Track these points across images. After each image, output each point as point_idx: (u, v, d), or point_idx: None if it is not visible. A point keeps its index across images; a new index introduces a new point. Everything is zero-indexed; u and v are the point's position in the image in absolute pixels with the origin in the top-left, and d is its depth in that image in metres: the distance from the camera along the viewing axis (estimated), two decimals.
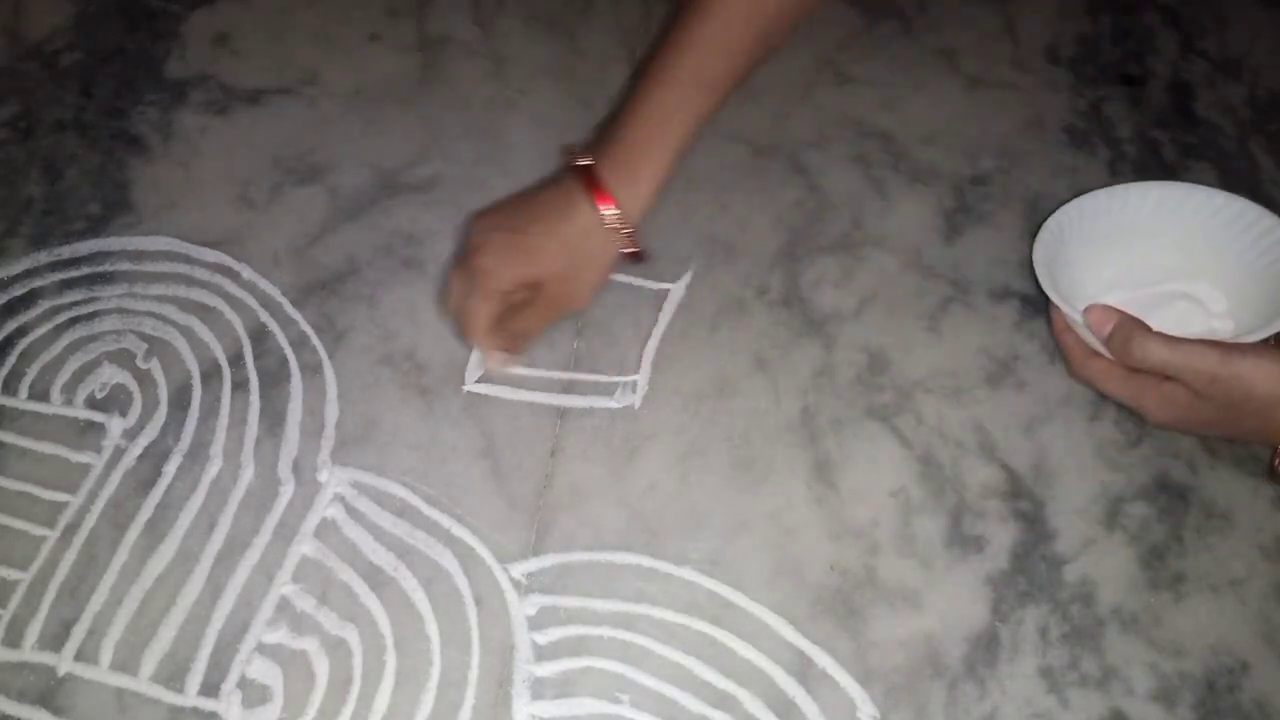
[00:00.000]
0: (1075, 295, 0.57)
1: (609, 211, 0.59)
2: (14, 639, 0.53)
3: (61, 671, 0.52)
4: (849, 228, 0.68)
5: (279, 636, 0.53)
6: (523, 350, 0.61)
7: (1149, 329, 0.52)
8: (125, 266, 0.65)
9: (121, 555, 0.55)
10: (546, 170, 0.69)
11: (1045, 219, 0.58)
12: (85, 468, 0.58)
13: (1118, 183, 0.69)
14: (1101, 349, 0.54)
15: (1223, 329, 0.57)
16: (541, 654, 0.52)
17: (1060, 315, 0.56)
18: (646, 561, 0.55)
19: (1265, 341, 0.52)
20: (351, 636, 0.53)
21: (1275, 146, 0.72)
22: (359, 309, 0.64)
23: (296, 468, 0.58)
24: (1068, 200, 0.59)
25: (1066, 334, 0.57)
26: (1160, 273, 0.59)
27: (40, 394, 0.60)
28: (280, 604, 0.54)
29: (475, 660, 0.52)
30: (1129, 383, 0.54)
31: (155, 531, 0.56)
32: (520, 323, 0.60)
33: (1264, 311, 0.54)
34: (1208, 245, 0.58)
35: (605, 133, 0.61)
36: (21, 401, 0.60)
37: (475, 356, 0.62)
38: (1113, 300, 0.57)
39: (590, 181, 0.59)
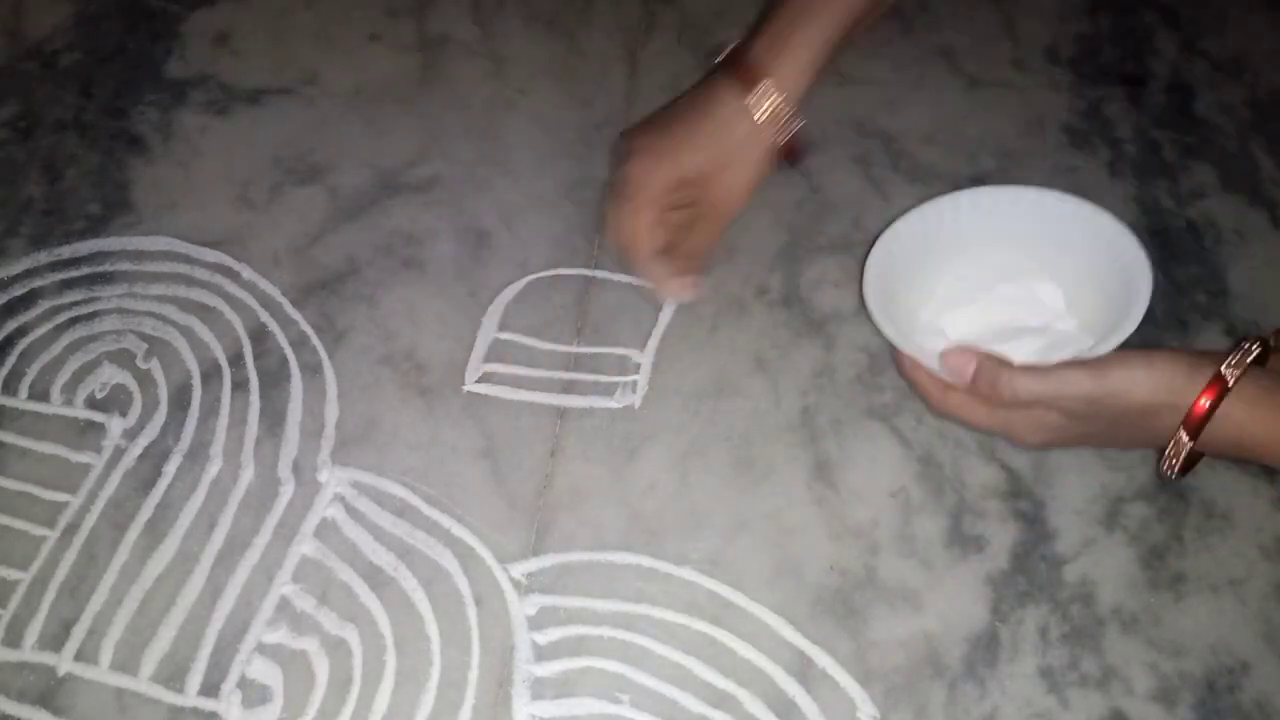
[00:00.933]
0: (915, 325, 0.55)
1: (759, 92, 0.55)
2: (14, 639, 0.53)
3: (61, 671, 0.52)
4: (849, 228, 0.68)
5: (279, 636, 0.53)
6: (700, 271, 0.58)
7: (1011, 365, 0.51)
8: (125, 266, 0.65)
9: (121, 555, 0.55)
10: (547, 170, 0.69)
11: (867, 254, 0.56)
12: (85, 468, 0.58)
13: (1118, 183, 0.70)
14: (958, 383, 0.53)
15: (1066, 327, 0.55)
16: (541, 654, 0.52)
17: (905, 356, 0.54)
18: (646, 561, 0.55)
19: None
20: (351, 636, 0.53)
21: (1275, 146, 0.71)
22: (359, 309, 0.64)
23: (296, 468, 0.58)
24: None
25: (917, 371, 0.54)
26: (993, 278, 0.58)
27: (40, 394, 0.60)
28: (280, 604, 0.54)
29: (475, 660, 0.52)
30: (995, 414, 0.52)
31: (155, 531, 0.56)
32: (688, 243, 0.57)
33: (1103, 301, 0.53)
34: (1031, 243, 0.57)
35: (757, 24, 0.58)
36: (21, 401, 0.60)
37: (475, 356, 0.62)
38: (954, 318, 0.55)
39: (739, 65, 0.56)
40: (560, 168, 0.70)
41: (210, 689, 0.51)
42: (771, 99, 0.55)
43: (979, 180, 0.70)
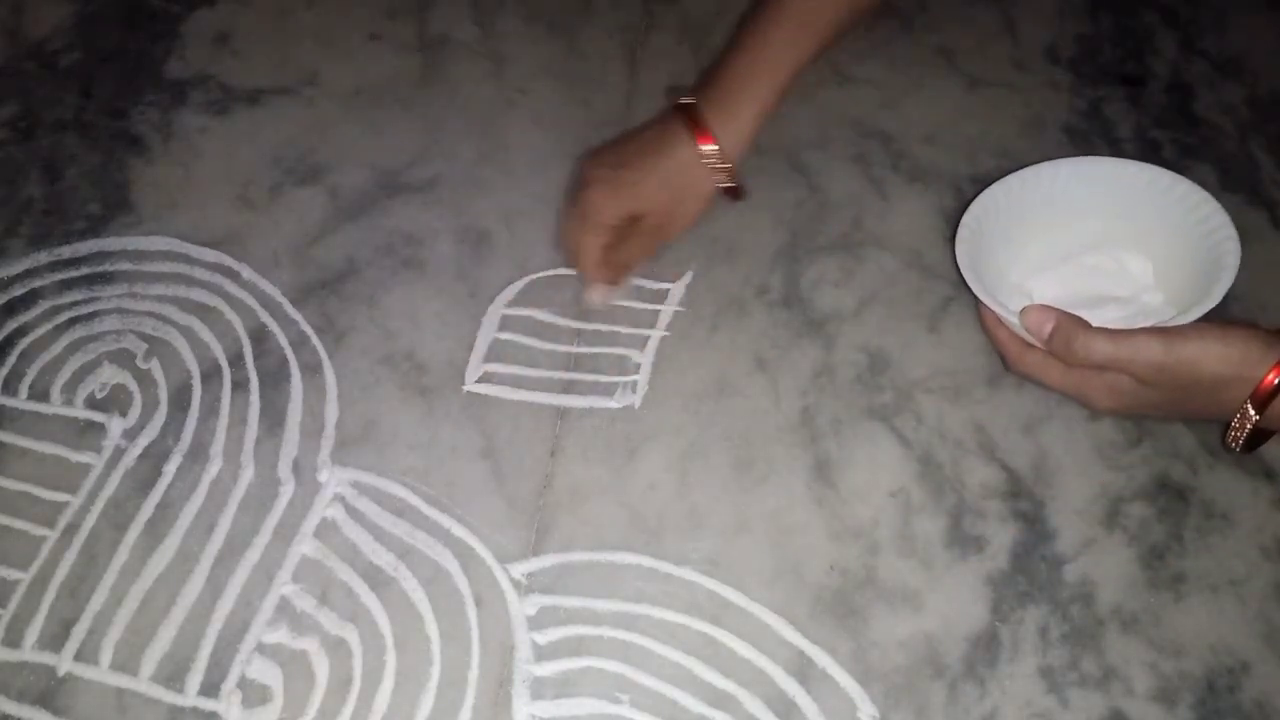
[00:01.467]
0: (1002, 285, 0.57)
1: (708, 148, 0.62)
2: (14, 639, 0.53)
3: (61, 671, 0.52)
4: (849, 228, 0.68)
5: (279, 636, 0.53)
6: (625, 281, 0.64)
7: (1089, 325, 0.52)
8: (125, 266, 0.65)
9: (121, 555, 0.55)
10: (547, 170, 0.69)
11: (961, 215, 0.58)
12: (85, 468, 0.58)
13: None
14: (1035, 340, 0.54)
15: (1153, 300, 0.56)
16: (541, 654, 0.52)
17: (988, 311, 0.56)
18: (647, 561, 0.55)
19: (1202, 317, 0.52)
20: (351, 636, 0.53)
21: (1275, 146, 0.71)
22: (359, 309, 0.64)
23: (296, 468, 0.58)
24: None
25: (999, 329, 0.56)
26: (1083, 246, 0.59)
27: (40, 394, 0.60)
28: (280, 604, 0.54)
29: (475, 660, 0.52)
30: (1070, 375, 0.54)
31: (155, 531, 0.56)
32: (623, 254, 0.63)
33: (1190, 277, 0.54)
34: (1126, 215, 0.58)
35: (710, 72, 0.65)
36: (21, 401, 0.60)
37: (475, 356, 0.62)
38: (1041, 282, 0.57)
39: (691, 119, 0.62)
40: (560, 168, 0.70)
41: (210, 689, 0.51)
42: (720, 158, 0.63)
43: (979, 180, 0.70)
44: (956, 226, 0.58)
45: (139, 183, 0.69)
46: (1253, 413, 0.51)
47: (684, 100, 0.64)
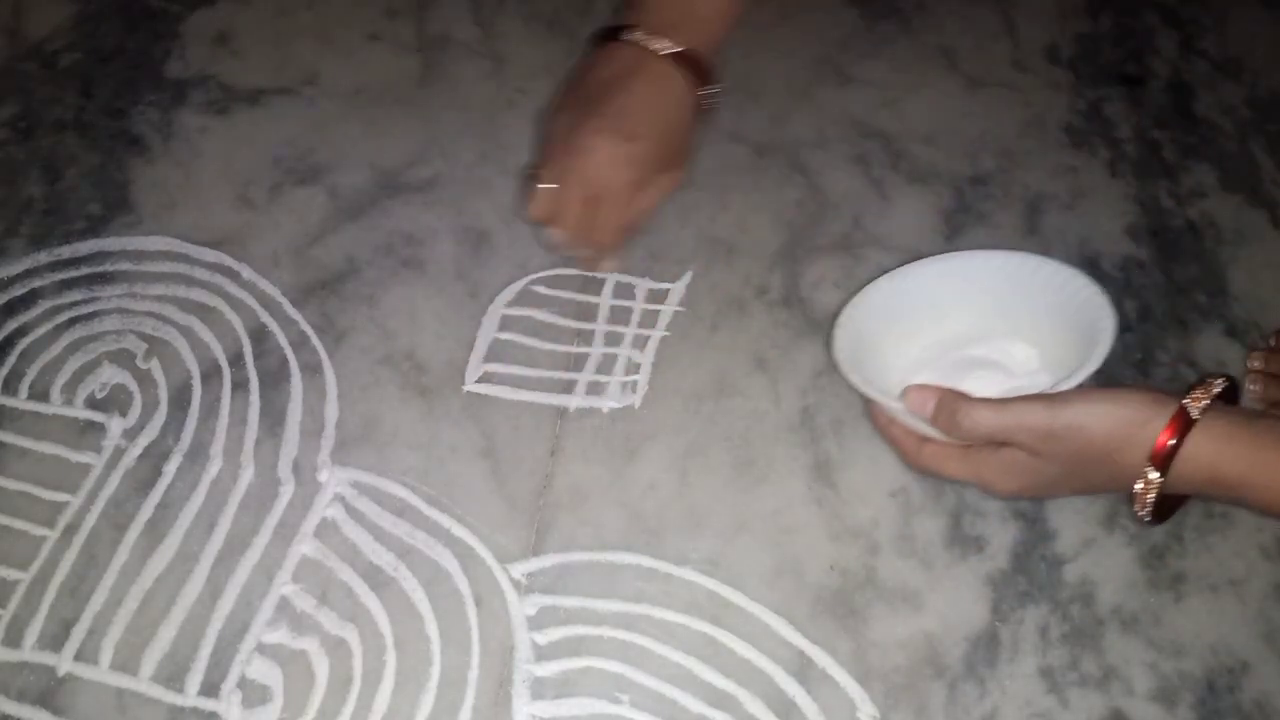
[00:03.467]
0: (886, 383, 0.56)
1: (709, 89, 0.61)
2: (14, 639, 0.53)
3: (61, 671, 0.52)
4: (849, 228, 0.68)
5: (279, 636, 0.53)
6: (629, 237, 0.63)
7: (971, 398, 0.51)
8: (125, 266, 0.65)
9: (121, 555, 0.55)
10: None
11: (837, 319, 0.58)
12: (85, 468, 0.58)
13: (1118, 183, 0.70)
14: (930, 432, 0.53)
15: (1038, 384, 0.55)
16: (541, 654, 0.52)
17: (879, 410, 0.55)
18: (646, 561, 0.55)
19: (1091, 384, 0.51)
20: (351, 636, 0.53)
21: (1275, 146, 0.72)
22: (359, 309, 0.64)
23: (296, 468, 0.58)
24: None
25: (892, 427, 0.55)
26: (965, 341, 0.58)
27: (40, 394, 0.60)
28: (280, 604, 0.54)
29: (475, 660, 0.52)
30: (967, 461, 0.53)
31: (155, 531, 0.56)
32: (642, 209, 0.62)
33: (1076, 357, 0.53)
34: (1002, 305, 0.57)
35: (663, 3, 0.62)
36: (21, 401, 0.60)
37: (475, 356, 0.62)
38: (923, 378, 0.56)
39: (687, 62, 0.60)
40: None
41: (210, 689, 0.51)
42: (716, 94, 0.62)
43: (979, 180, 0.70)
44: (838, 319, 0.57)
45: (139, 183, 0.69)
46: (1155, 475, 0.48)
47: (665, 48, 0.60)
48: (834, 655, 0.52)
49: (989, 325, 0.58)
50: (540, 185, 0.60)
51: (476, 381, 0.61)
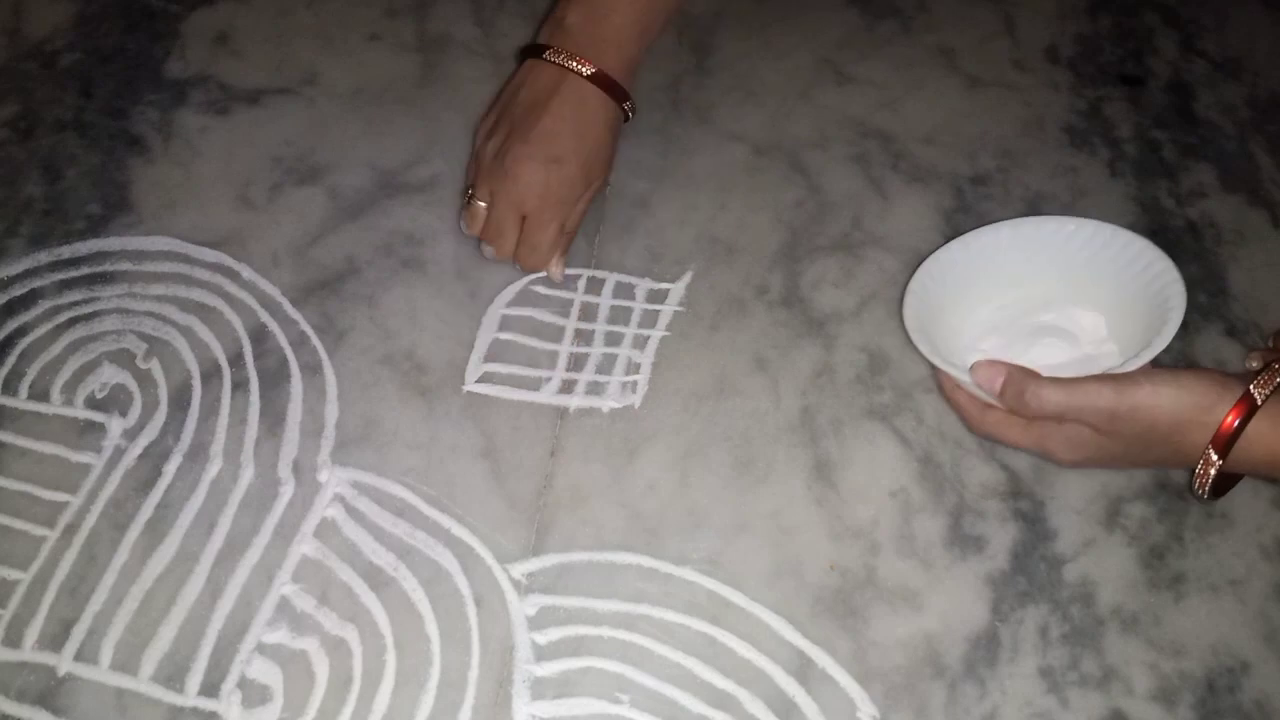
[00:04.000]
0: (954, 347, 0.56)
1: (628, 104, 0.65)
2: (14, 639, 0.53)
3: (61, 671, 0.52)
4: (849, 228, 0.68)
5: (279, 636, 0.53)
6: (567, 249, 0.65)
7: (1040, 377, 0.51)
8: (125, 266, 0.65)
9: (121, 555, 0.55)
10: None
11: (909, 280, 0.57)
12: (85, 468, 0.58)
13: (1118, 183, 0.70)
14: (994, 400, 0.53)
15: (1106, 354, 0.56)
16: (541, 654, 0.52)
17: (945, 376, 0.55)
18: (646, 561, 0.55)
19: (1155, 363, 0.51)
20: (351, 636, 0.53)
21: (1275, 146, 0.72)
22: (359, 309, 0.64)
23: (296, 468, 0.58)
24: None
25: (957, 392, 0.55)
26: (1034, 306, 0.58)
27: (40, 394, 0.60)
28: (280, 604, 0.54)
29: (475, 660, 0.52)
30: (1030, 430, 0.53)
31: (155, 531, 0.56)
32: (572, 225, 0.64)
33: (1144, 329, 0.53)
34: (1073, 272, 0.57)
35: (583, 25, 0.64)
36: (21, 401, 0.60)
37: (475, 356, 0.62)
38: (990, 344, 0.56)
39: (606, 83, 0.63)
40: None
41: (210, 689, 0.51)
42: (631, 108, 0.66)
43: (979, 180, 0.70)
44: (905, 288, 0.57)
45: (139, 183, 0.69)
46: (1215, 457, 0.49)
47: (585, 69, 0.63)
48: (834, 655, 0.52)
49: (1058, 291, 0.58)
50: (474, 204, 0.64)
51: (476, 381, 0.61)
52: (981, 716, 0.51)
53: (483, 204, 0.64)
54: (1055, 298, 0.58)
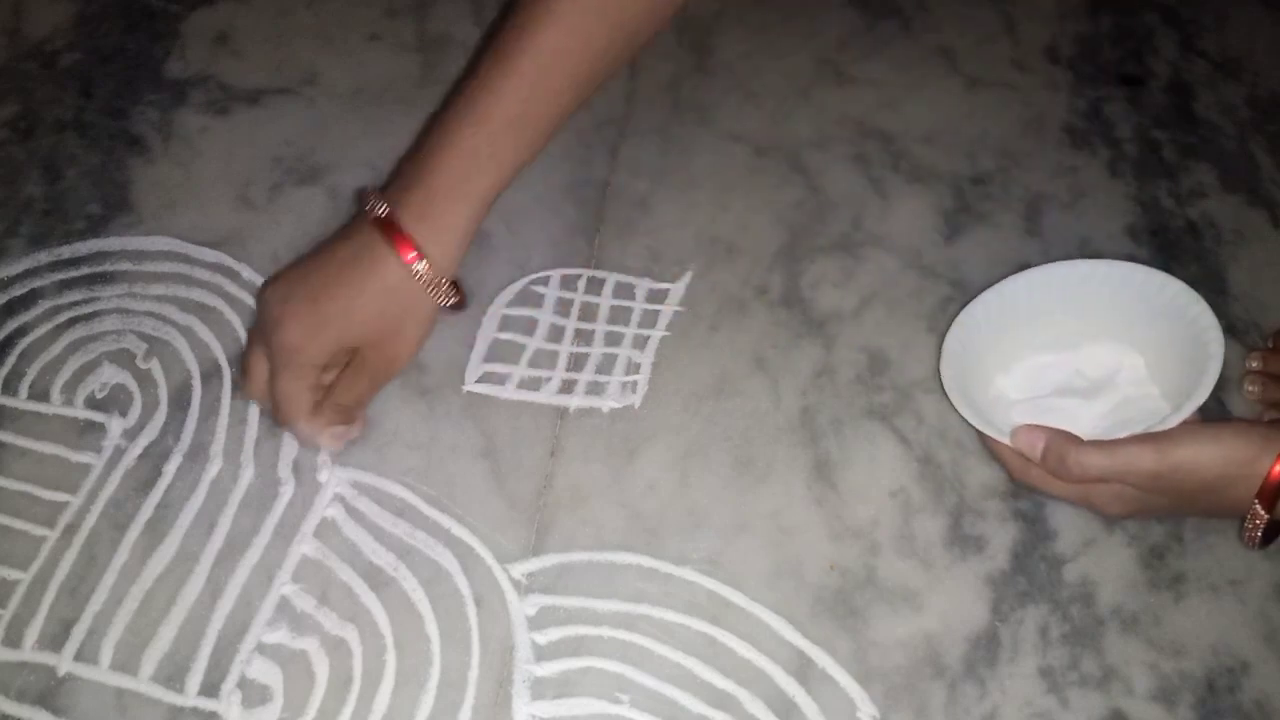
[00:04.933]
0: (989, 392, 0.57)
1: (419, 266, 0.54)
2: (14, 639, 0.53)
3: (61, 671, 0.52)
4: (849, 228, 0.68)
5: (279, 636, 0.53)
6: (359, 419, 0.57)
7: (1080, 442, 0.51)
8: (125, 266, 0.65)
9: (121, 555, 0.55)
10: (546, 170, 0.69)
11: (944, 338, 0.57)
12: (85, 468, 0.58)
13: (1118, 183, 0.70)
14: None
15: (1148, 395, 0.56)
16: (541, 654, 0.52)
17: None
18: (646, 561, 0.55)
19: (1196, 415, 0.51)
20: (351, 636, 0.53)
21: (1275, 146, 0.72)
22: None
23: (296, 468, 0.58)
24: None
25: (997, 445, 0.55)
26: (1069, 350, 0.58)
27: (40, 394, 0.60)
28: (280, 604, 0.54)
29: (475, 660, 0.52)
30: (1074, 488, 0.53)
31: (155, 531, 0.56)
32: (347, 394, 0.56)
33: (1182, 370, 0.53)
34: (1107, 315, 0.57)
35: (406, 173, 0.56)
36: (21, 401, 0.60)
37: (475, 356, 0.62)
38: (1029, 403, 0.56)
39: (393, 234, 0.54)
40: (560, 168, 0.70)
41: (210, 689, 0.51)
42: (433, 279, 0.55)
43: (979, 180, 0.70)
44: (943, 339, 0.57)
45: (139, 183, 0.69)
46: (1262, 511, 0.50)
47: (378, 208, 0.55)
48: (834, 655, 0.52)
49: (1094, 334, 0.58)
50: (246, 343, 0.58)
51: (476, 381, 0.61)
52: (981, 716, 0.51)
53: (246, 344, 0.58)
54: (1091, 340, 0.58)
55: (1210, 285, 0.65)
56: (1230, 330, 0.63)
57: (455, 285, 0.57)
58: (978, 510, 0.57)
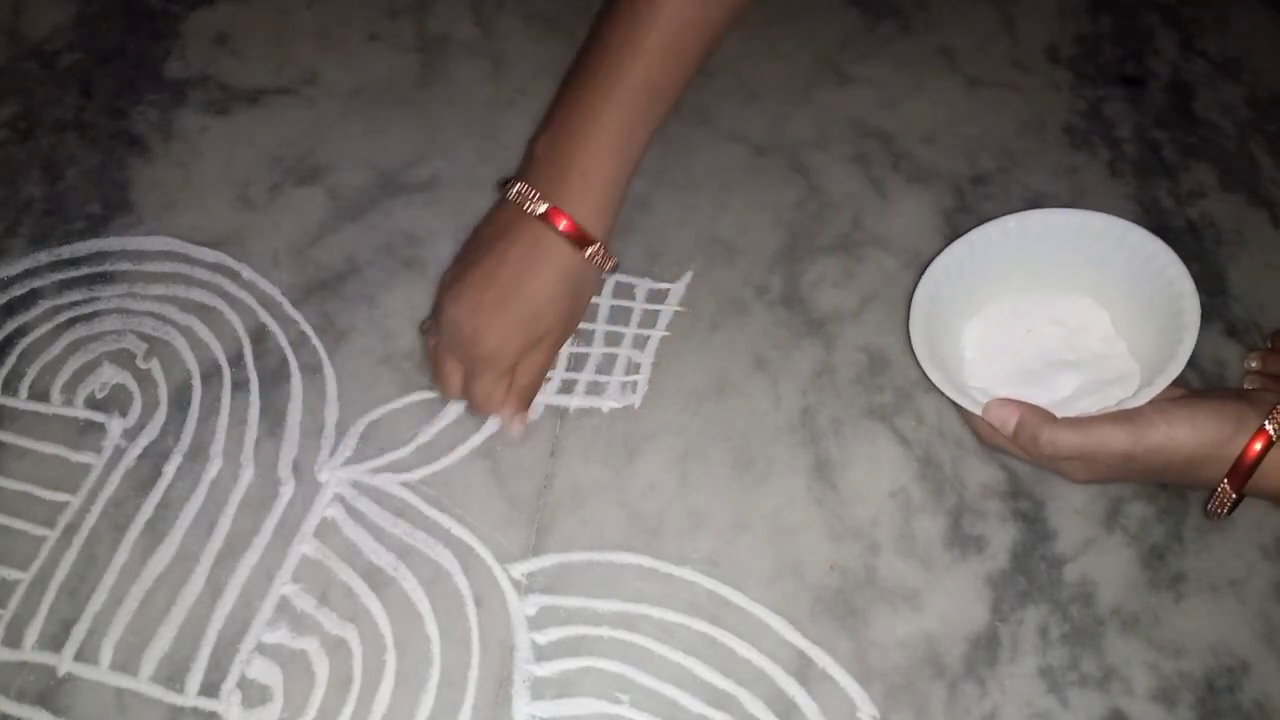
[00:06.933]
0: (961, 362, 0.57)
1: (592, 249, 0.57)
2: (14, 639, 0.53)
3: (61, 671, 0.52)
4: (849, 228, 0.68)
5: (279, 636, 0.53)
6: (531, 401, 0.60)
7: (1053, 419, 0.51)
8: (125, 266, 0.65)
9: (121, 555, 0.55)
10: None
11: (913, 292, 0.56)
12: (85, 468, 0.58)
13: (1118, 183, 0.70)
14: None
15: (1114, 350, 0.56)
16: (541, 654, 0.52)
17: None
18: (646, 561, 0.55)
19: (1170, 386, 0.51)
20: (351, 636, 0.53)
21: (1275, 146, 0.72)
22: (359, 309, 0.64)
23: (296, 468, 0.58)
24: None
25: (969, 413, 0.55)
26: (1037, 303, 0.58)
27: (40, 394, 0.60)
28: (280, 604, 0.54)
29: (475, 660, 0.52)
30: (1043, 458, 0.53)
31: (155, 531, 0.56)
32: (526, 376, 0.59)
33: (1149, 326, 0.53)
34: (1077, 266, 0.57)
35: (551, 157, 0.57)
36: (21, 401, 0.60)
37: None
38: (1001, 362, 0.56)
39: (560, 223, 0.56)
40: None
41: (210, 689, 0.51)
42: (602, 254, 0.57)
43: (979, 180, 0.70)
44: (909, 308, 0.56)
45: (139, 183, 0.69)
46: (1233, 493, 0.50)
47: (533, 200, 0.56)
48: (834, 655, 0.52)
49: (1062, 285, 0.58)
50: (430, 345, 0.60)
51: None
52: (981, 716, 0.51)
53: (429, 340, 0.60)
54: (1060, 293, 0.58)
55: (1210, 285, 0.65)
56: (1230, 330, 0.63)
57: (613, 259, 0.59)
58: (978, 510, 0.57)
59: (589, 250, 0.57)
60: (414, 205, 0.68)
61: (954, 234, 0.59)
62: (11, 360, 0.62)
